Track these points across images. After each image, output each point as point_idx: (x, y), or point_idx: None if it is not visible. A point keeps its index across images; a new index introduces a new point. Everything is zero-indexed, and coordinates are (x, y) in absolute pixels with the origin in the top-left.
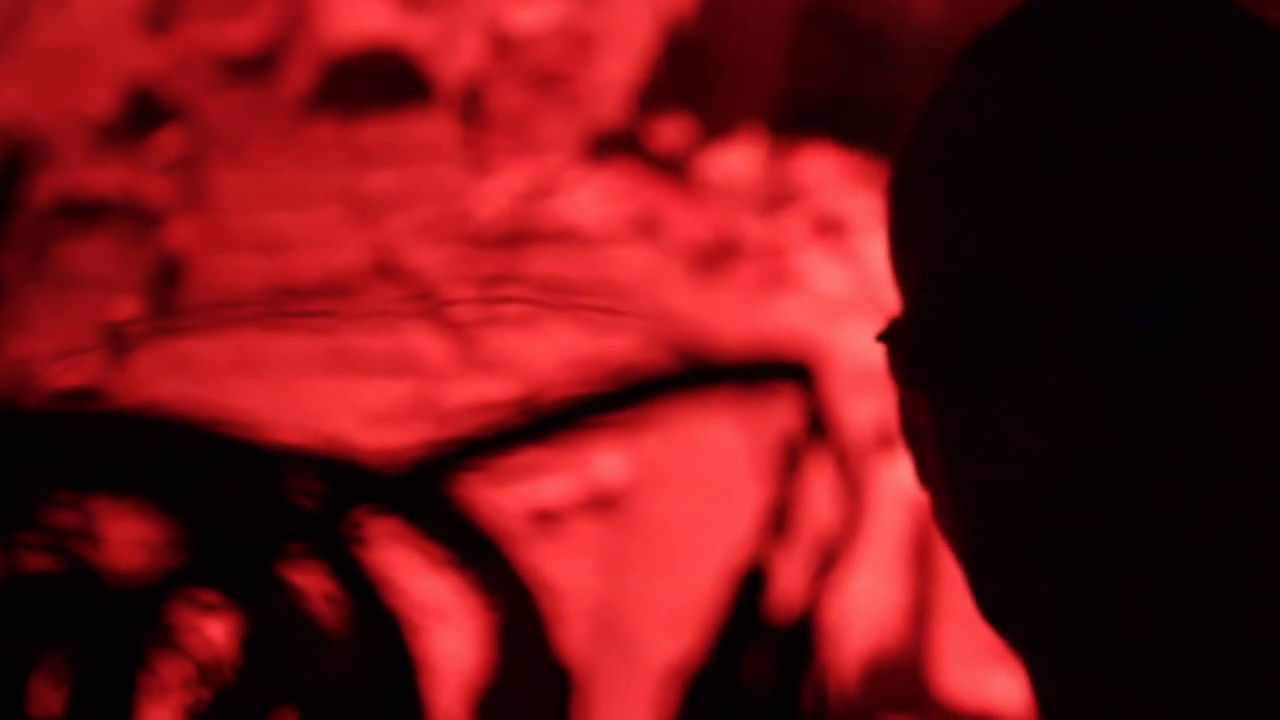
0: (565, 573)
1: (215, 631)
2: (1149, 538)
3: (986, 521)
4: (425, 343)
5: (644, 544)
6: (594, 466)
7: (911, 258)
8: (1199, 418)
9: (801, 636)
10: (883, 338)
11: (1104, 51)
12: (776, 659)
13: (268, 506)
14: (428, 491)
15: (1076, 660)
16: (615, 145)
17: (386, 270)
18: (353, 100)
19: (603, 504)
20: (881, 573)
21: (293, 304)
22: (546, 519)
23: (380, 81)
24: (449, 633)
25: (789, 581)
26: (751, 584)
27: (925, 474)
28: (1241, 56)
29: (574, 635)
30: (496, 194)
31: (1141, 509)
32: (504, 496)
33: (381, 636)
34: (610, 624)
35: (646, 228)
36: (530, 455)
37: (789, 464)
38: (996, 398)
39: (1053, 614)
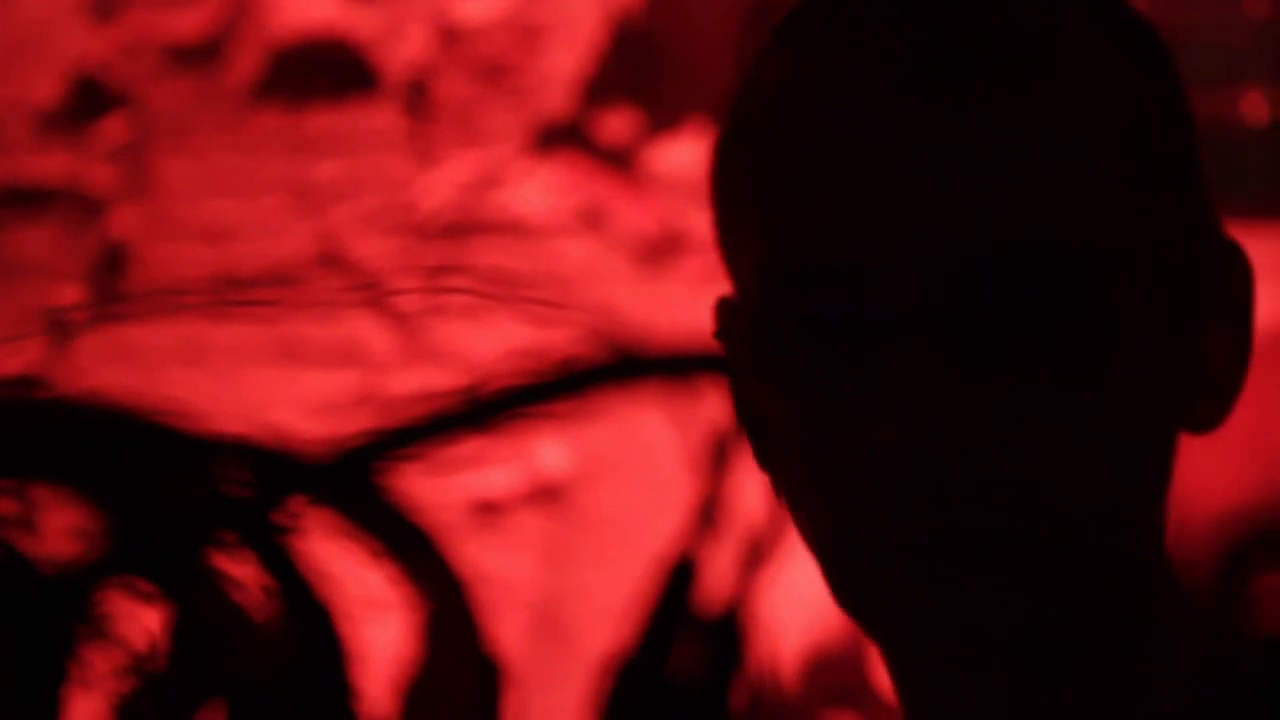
0: (507, 564)
1: (146, 620)
2: (1013, 527)
3: (845, 516)
4: (369, 333)
5: (586, 535)
6: (536, 458)
7: (746, 252)
8: (1065, 408)
9: (730, 629)
10: (718, 334)
11: (955, 26)
12: (704, 650)
13: (200, 495)
14: (360, 482)
15: (937, 650)
16: (561, 137)
17: (331, 260)
18: (298, 89)
19: (545, 495)
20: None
21: (237, 293)
22: (489, 510)
23: (326, 71)
24: (379, 623)
25: (718, 574)
26: (680, 576)
27: (768, 461)
28: (1102, 36)
29: (515, 626)
30: (442, 184)
31: (1007, 500)
32: (446, 487)
33: (311, 626)
34: (551, 615)
35: (592, 220)
36: (471, 444)
37: (718, 458)
38: (852, 395)
39: (914, 605)
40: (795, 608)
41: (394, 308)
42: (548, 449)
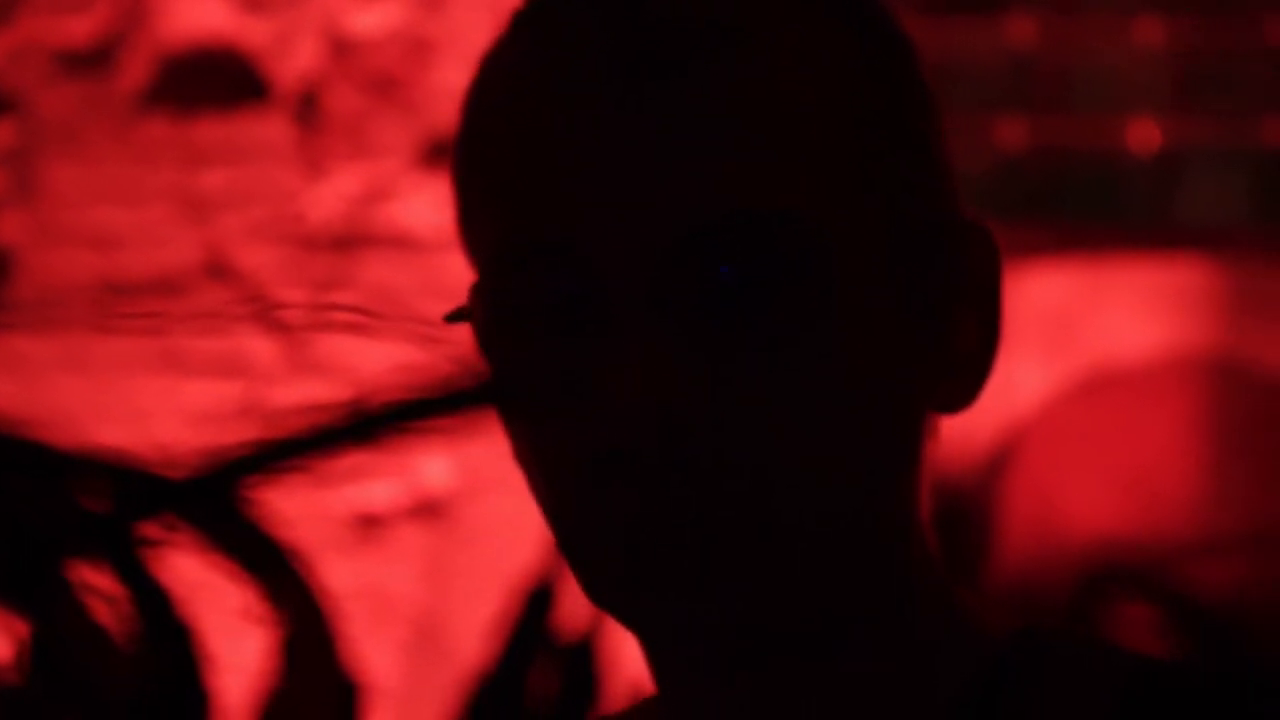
0: (387, 578)
1: (3, 636)
2: (738, 516)
3: (568, 506)
4: (254, 344)
5: (466, 551)
6: (419, 473)
7: (476, 232)
8: (779, 381)
9: (585, 655)
10: (450, 317)
11: (659, 9)
12: (560, 674)
13: (61, 510)
14: (223, 499)
15: (670, 643)
16: (450, 151)
17: (217, 269)
18: (188, 98)
19: (427, 510)
20: None
21: (122, 303)
22: (370, 524)
23: (216, 80)
24: (238, 641)
25: (575, 601)
26: (538, 601)
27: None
28: (817, 21)
29: (393, 641)
30: (330, 196)
31: (727, 486)
32: (328, 499)
33: (171, 644)
34: (430, 630)
35: None
36: (353, 458)
37: None
38: (567, 379)
39: (643, 598)
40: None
41: (279, 319)
42: (431, 464)
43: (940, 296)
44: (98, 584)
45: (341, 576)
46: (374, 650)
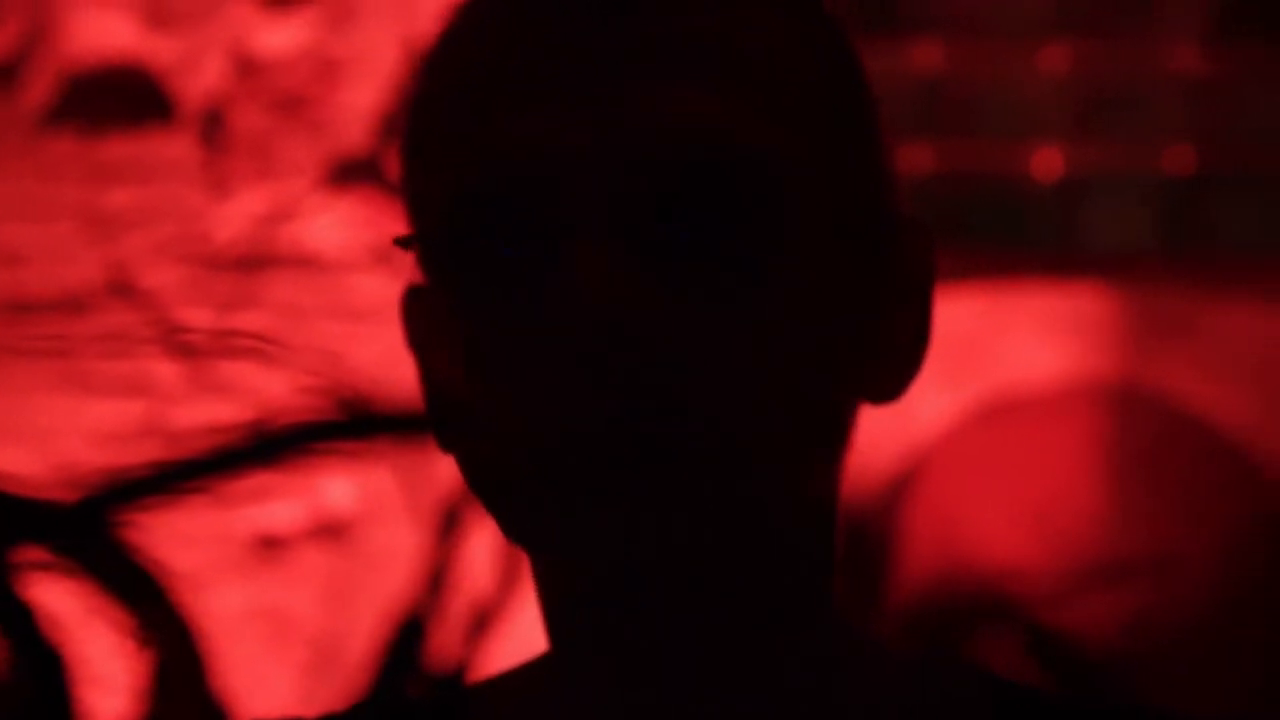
0: (288, 599)
1: None
2: (662, 435)
3: (524, 423)
4: (157, 364)
5: (369, 574)
6: (321, 495)
7: (436, 176)
8: (731, 321)
9: (456, 687)
10: (401, 241)
11: None
12: (430, 707)
13: None
14: (95, 530)
15: (586, 566)
16: (358, 172)
17: (121, 289)
18: (93, 116)
19: (329, 532)
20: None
21: (26, 321)
22: (271, 545)
23: (122, 98)
24: (109, 667)
25: (444, 636)
26: (409, 634)
27: (453, 443)
28: None
29: (293, 663)
30: (236, 216)
31: (669, 419)
32: (229, 520)
33: (38, 668)
34: (331, 653)
35: (386, 256)
36: (256, 479)
37: (448, 522)
38: (526, 312)
39: (570, 516)
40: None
41: (183, 340)
42: (333, 486)
43: (879, 283)
44: None
45: (241, 598)
46: (272, 672)
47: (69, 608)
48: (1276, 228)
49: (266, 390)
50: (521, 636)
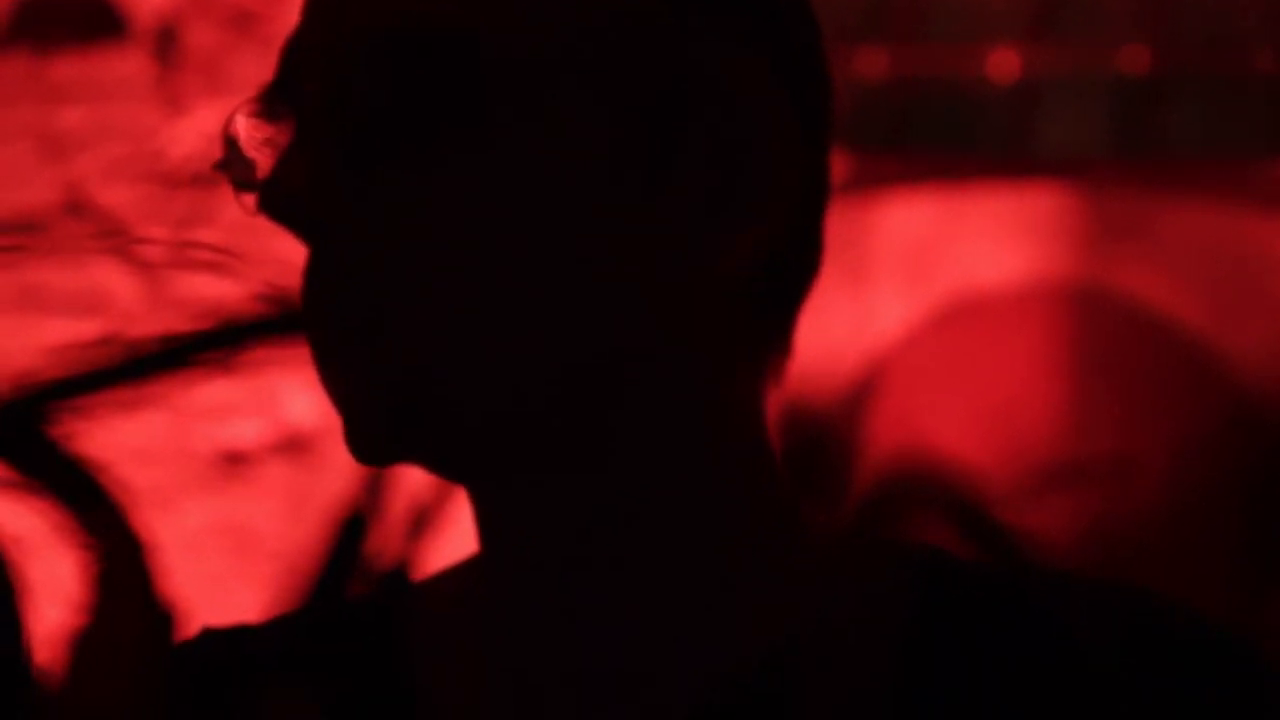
0: (253, 514)
1: None
2: (386, 323)
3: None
4: (114, 279)
5: (333, 486)
6: (283, 409)
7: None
8: (433, 200)
9: (397, 585)
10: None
11: None
12: (366, 608)
13: None
14: (32, 429)
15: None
16: None
17: (77, 208)
18: (45, 35)
19: (292, 446)
20: None
21: None
22: (235, 461)
23: (74, 17)
24: (50, 570)
25: (384, 535)
26: (351, 533)
27: None
28: None
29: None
30: (189, 133)
31: (378, 295)
32: (193, 435)
33: None
34: (295, 566)
35: None
36: (218, 393)
37: None
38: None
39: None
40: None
41: (139, 256)
42: (294, 400)
43: (670, 151)
44: None
45: (206, 513)
46: (240, 587)
47: (8, 516)
48: (1230, 129)
49: (225, 302)
50: (460, 535)
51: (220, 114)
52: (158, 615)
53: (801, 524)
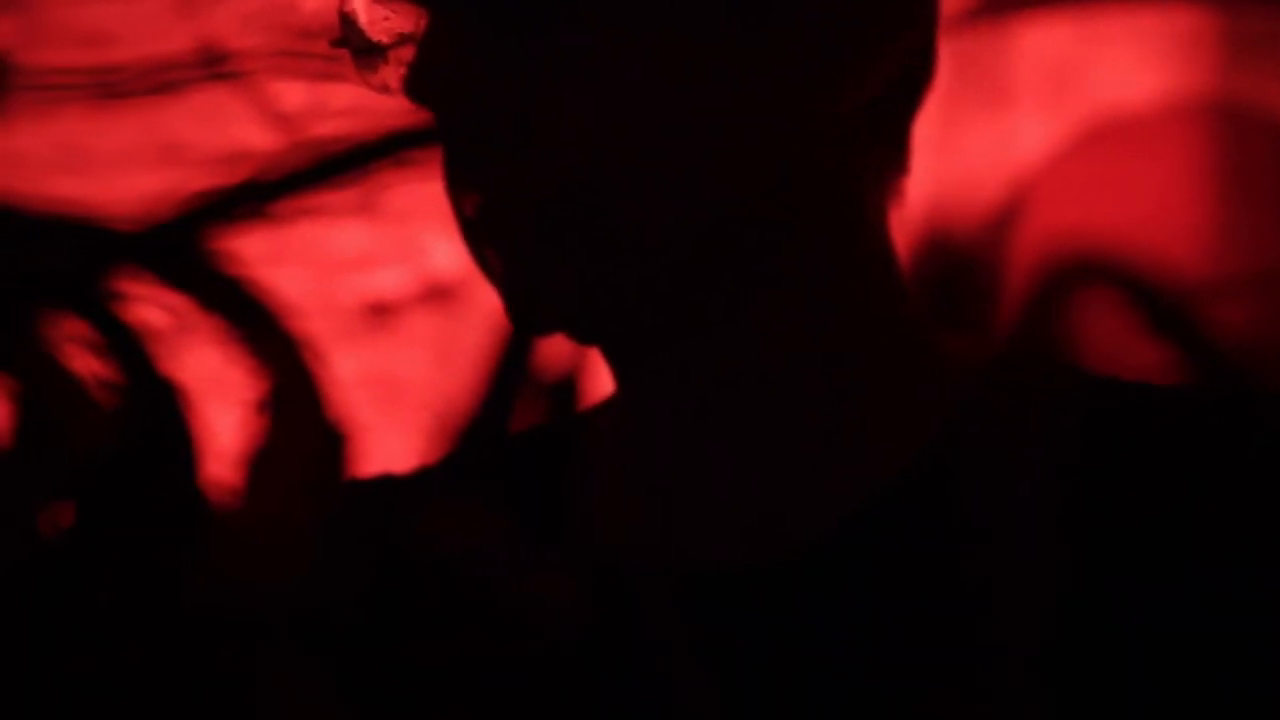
0: (401, 364)
1: None
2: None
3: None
4: (252, 134)
5: (480, 334)
6: (427, 258)
7: None
8: (567, 59)
9: (569, 391)
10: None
11: None
12: (544, 408)
13: (22, 268)
14: (189, 251)
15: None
16: None
17: (212, 62)
18: None
19: (438, 295)
20: None
21: (117, 100)
22: (380, 312)
23: None
24: (219, 398)
25: (554, 345)
26: (520, 342)
27: None
28: None
29: (411, 426)
30: None
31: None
32: (336, 289)
33: (151, 392)
34: (447, 415)
35: None
36: (359, 242)
37: None
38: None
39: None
40: None
41: (278, 108)
42: (438, 249)
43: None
44: (74, 343)
45: (353, 365)
46: (391, 436)
47: (174, 334)
48: None
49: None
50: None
51: None
52: (330, 434)
53: (937, 351)
